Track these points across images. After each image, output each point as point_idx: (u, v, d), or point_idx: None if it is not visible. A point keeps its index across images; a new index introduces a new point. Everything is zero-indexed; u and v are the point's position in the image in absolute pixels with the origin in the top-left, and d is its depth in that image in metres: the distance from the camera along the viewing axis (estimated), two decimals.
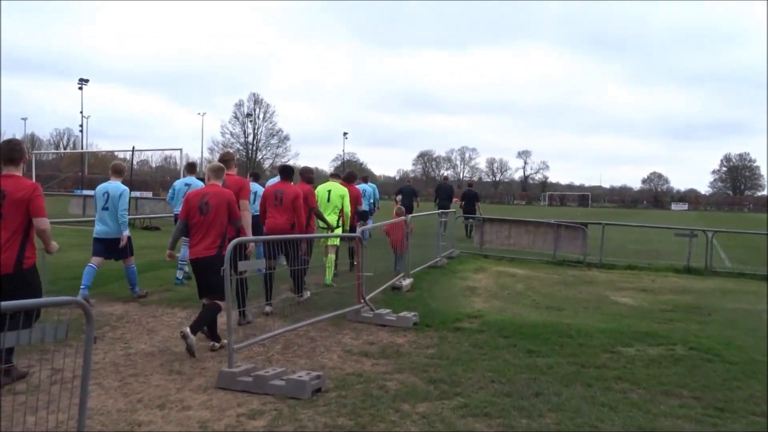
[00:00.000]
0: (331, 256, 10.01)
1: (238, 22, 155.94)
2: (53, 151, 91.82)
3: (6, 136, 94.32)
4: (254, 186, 10.13)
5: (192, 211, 6.06)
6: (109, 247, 8.14)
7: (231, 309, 5.11)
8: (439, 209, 22.37)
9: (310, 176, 9.37)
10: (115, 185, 8.23)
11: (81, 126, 73.31)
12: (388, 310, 7.71)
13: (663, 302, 9.61)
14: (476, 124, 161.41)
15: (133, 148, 22.83)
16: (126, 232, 8.11)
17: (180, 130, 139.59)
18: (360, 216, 11.32)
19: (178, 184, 10.09)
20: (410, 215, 12.38)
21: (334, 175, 10.85)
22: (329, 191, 10.03)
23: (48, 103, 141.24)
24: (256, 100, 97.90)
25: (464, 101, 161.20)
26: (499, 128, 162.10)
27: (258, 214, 8.91)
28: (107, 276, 9.34)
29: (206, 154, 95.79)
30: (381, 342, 6.62)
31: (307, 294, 8.49)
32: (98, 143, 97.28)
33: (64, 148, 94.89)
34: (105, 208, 8.07)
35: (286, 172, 8.44)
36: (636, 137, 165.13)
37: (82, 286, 7.82)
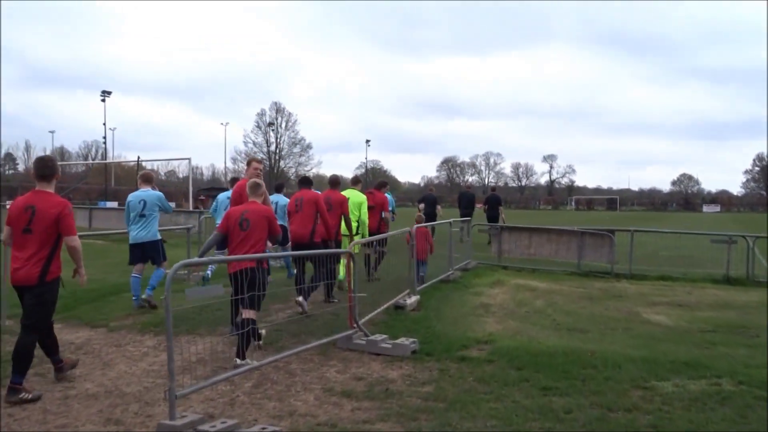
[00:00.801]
0: (343, 260, 9.67)
1: (259, 32, 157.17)
2: (80, 162, 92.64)
3: (37, 151, 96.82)
4: (279, 197, 10.78)
5: (232, 226, 6.22)
6: (146, 251, 8.48)
7: (171, 346, 4.20)
8: (461, 218, 21.63)
9: (337, 183, 9.75)
10: (149, 192, 8.62)
11: (104, 137, 73.72)
12: (384, 336, 6.74)
13: (702, 320, 8.49)
14: (500, 129, 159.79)
15: (138, 158, 22.16)
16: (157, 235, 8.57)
17: (205, 140, 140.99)
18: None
19: (221, 197, 10.59)
20: (431, 223, 12.57)
21: (355, 182, 11.02)
22: (348, 199, 9.87)
23: (77, 116, 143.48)
24: (278, 109, 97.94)
25: (487, 105, 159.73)
26: (523, 132, 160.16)
27: (283, 224, 9.16)
28: (77, 299, 8.56)
29: (229, 164, 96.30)
30: (370, 377, 5.66)
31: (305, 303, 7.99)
32: (126, 154, 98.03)
33: (92, 160, 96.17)
34: (142, 215, 8.42)
35: (305, 182, 8.89)
36: (663, 138, 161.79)
37: (134, 297, 8.43)
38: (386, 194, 13.20)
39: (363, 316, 7.03)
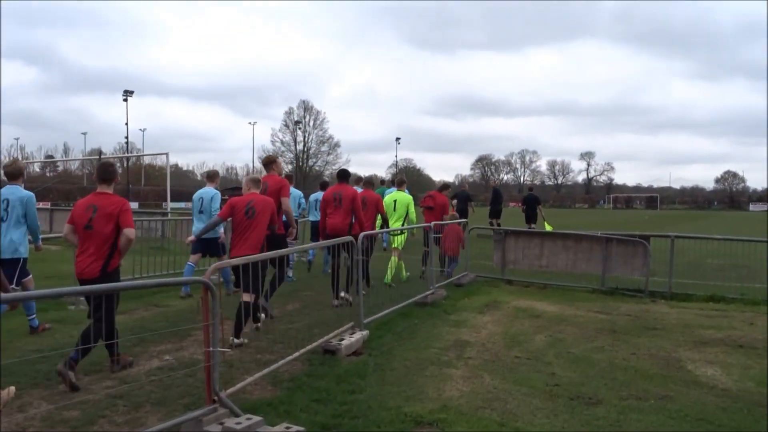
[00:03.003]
0: (394, 258, 10.41)
1: (290, 34, 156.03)
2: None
3: (75, 153, 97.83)
4: (320, 195, 11.39)
5: (238, 214, 6.56)
6: (205, 246, 9.00)
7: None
8: (490, 217, 19.51)
9: (372, 184, 10.48)
10: (206, 190, 9.34)
11: (126, 137, 72.69)
12: (256, 420, 4.12)
13: None
14: (536, 127, 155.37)
15: (100, 152, 19.97)
16: (221, 230, 8.96)
17: (240, 141, 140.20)
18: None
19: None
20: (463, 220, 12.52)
21: (400, 184, 11.31)
22: (395, 201, 10.74)
23: (114, 118, 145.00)
24: (306, 107, 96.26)
25: (522, 103, 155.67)
26: (560, 130, 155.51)
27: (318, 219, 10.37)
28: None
29: (257, 164, 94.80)
30: None
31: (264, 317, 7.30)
32: (161, 156, 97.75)
33: (127, 161, 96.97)
34: (201, 212, 9.17)
35: (343, 175, 9.06)
36: (705, 135, 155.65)
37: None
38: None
39: (256, 368, 4.48)
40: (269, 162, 8.15)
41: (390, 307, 7.70)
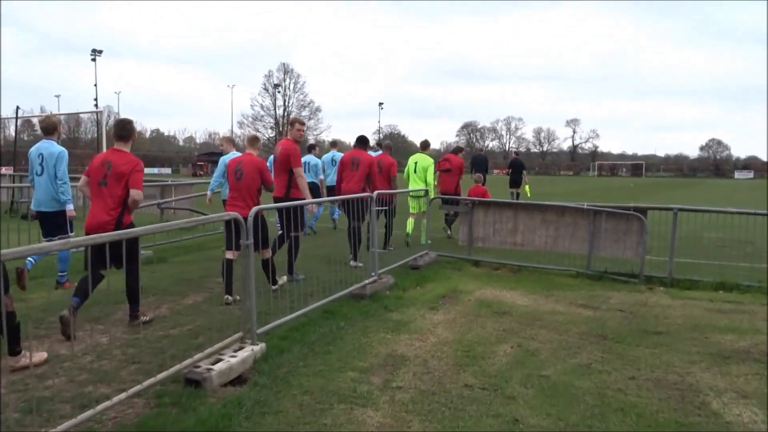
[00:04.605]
0: (411, 220, 10.53)
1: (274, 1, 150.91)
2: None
3: (45, 113, 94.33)
4: (310, 158, 11.67)
5: (230, 175, 6.76)
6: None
7: None
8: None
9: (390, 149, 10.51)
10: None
11: (95, 99, 69.47)
12: None
13: None
14: (523, 93, 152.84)
15: (17, 107, 17.68)
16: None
17: (222, 106, 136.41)
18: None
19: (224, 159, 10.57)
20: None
21: (425, 147, 11.20)
22: (416, 163, 10.74)
23: (88, 82, 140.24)
24: (286, 70, 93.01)
25: (509, 70, 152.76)
26: (546, 96, 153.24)
27: (314, 182, 11.13)
28: None
29: (236, 129, 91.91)
30: None
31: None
32: (142, 121, 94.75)
33: (106, 126, 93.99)
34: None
35: (362, 141, 9.16)
36: (691, 103, 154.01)
37: None
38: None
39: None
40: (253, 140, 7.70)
41: (308, 305, 5.79)
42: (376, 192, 7.48)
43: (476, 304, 6.70)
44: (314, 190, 10.59)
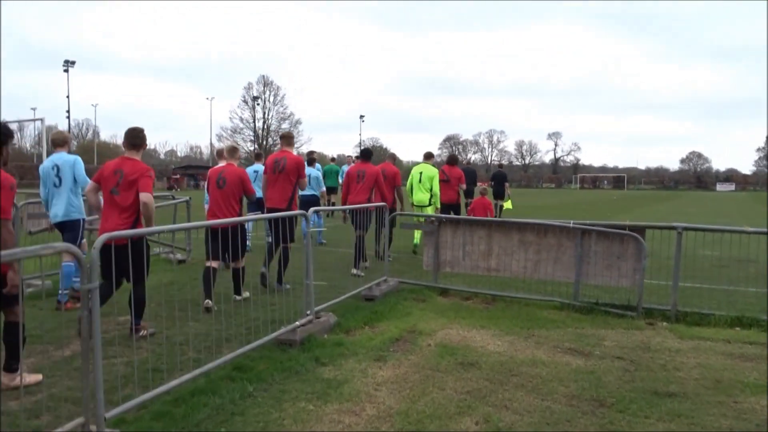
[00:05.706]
0: (418, 231, 10.42)
1: (256, 14, 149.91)
2: None
3: (27, 129, 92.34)
4: (310, 171, 10.92)
5: (212, 185, 6.92)
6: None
7: None
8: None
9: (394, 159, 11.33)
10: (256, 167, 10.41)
11: (68, 111, 67.27)
12: None
13: None
14: (504, 107, 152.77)
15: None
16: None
17: (200, 118, 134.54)
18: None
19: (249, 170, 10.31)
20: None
21: (428, 157, 11.30)
22: (420, 173, 10.79)
23: (73, 92, 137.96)
24: (266, 83, 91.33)
25: (491, 84, 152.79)
26: (528, 110, 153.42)
27: (314, 194, 11.30)
28: None
29: (215, 142, 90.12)
30: None
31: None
32: (119, 133, 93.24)
33: (83, 139, 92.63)
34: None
35: (366, 154, 9.78)
36: (670, 117, 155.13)
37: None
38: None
39: None
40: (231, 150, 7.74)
41: (214, 361, 4.31)
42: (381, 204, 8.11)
43: (437, 352, 5.26)
44: (315, 202, 10.97)
